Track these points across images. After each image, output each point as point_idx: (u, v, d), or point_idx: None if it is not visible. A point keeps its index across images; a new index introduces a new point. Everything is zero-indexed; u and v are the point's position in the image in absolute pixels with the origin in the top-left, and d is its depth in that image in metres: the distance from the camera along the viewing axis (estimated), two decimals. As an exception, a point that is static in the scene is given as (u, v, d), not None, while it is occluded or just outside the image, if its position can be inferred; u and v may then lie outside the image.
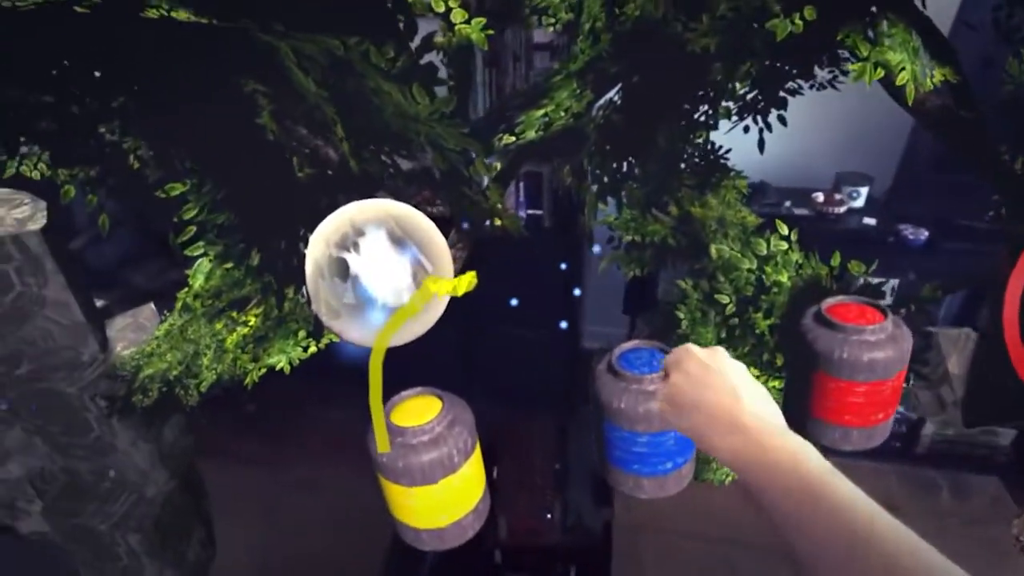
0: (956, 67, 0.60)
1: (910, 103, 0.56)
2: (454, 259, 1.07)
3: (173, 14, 0.49)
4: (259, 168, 0.74)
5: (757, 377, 0.73)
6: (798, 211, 1.80)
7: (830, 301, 0.46)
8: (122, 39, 0.50)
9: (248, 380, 0.86)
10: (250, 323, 0.91)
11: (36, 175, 0.61)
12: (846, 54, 0.59)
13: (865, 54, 0.54)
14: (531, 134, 0.79)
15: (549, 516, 1.43)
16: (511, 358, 1.63)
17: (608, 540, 1.40)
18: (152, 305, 1.17)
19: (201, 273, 0.82)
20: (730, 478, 0.77)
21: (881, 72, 0.54)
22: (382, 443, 0.42)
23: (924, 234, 1.72)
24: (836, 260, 0.66)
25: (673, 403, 0.43)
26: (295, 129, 0.75)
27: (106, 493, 1.07)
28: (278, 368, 0.87)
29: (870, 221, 1.80)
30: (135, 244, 1.37)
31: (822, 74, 0.63)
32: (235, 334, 0.89)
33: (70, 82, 0.51)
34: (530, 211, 1.71)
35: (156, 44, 0.52)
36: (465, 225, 0.84)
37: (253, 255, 0.83)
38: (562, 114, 0.77)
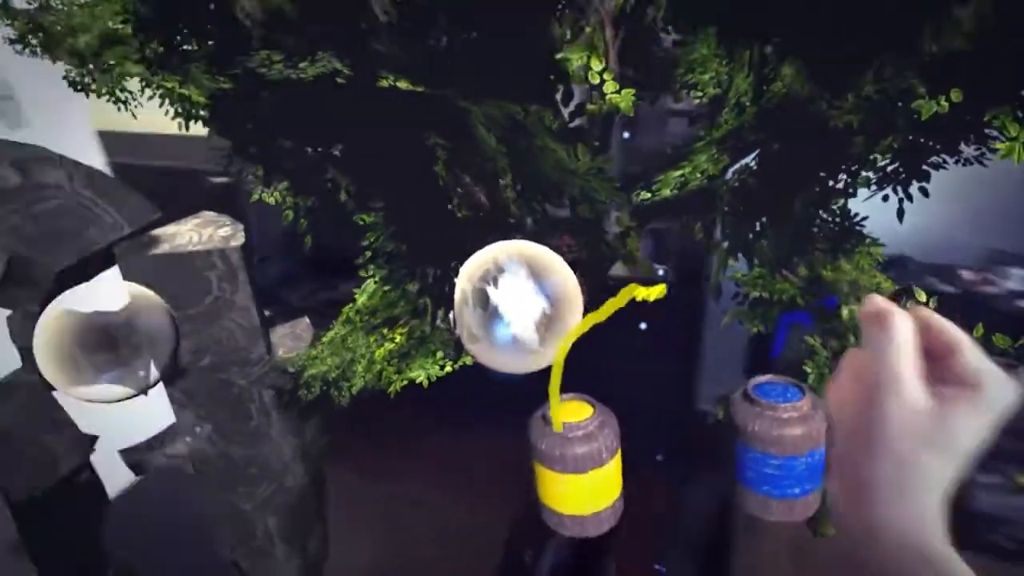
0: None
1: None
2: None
3: (398, 84, 0.62)
4: (428, 208, 0.87)
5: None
6: (942, 287, 1.71)
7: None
8: (357, 101, 0.64)
9: (391, 389, 0.98)
10: (396, 340, 1.03)
11: (272, 201, 0.78)
12: (995, 132, 0.61)
13: (1014, 134, 0.57)
14: (666, 192, 0.87)
15: (659, 569, 1.42)
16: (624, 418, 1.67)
17: None
18: (307, 319, 1.34)
19: (366, 292, 0.96)
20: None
21: (1030, 152, 0.57)
22: (556, 424, 0.49)
23: None
24: (979, 331, 0.66)
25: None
26: (461, 177, 0.87)
27: (251, 478, 1.22)
28: (418, 382, 0.98)
29: None
30: (290, 268, 1.59)
31: (968, 150, 0.66)
32: (383, 348, 1.02)
33: (311, 131, 0.66)
34: (656, 264, 1.79)
35: (377, 104, 0.66)
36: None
37: (410, 282, 0.96)
38: (698, 175, 0.84)
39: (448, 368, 1.00)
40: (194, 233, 1.08)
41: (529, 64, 0.70)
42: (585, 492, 0.50)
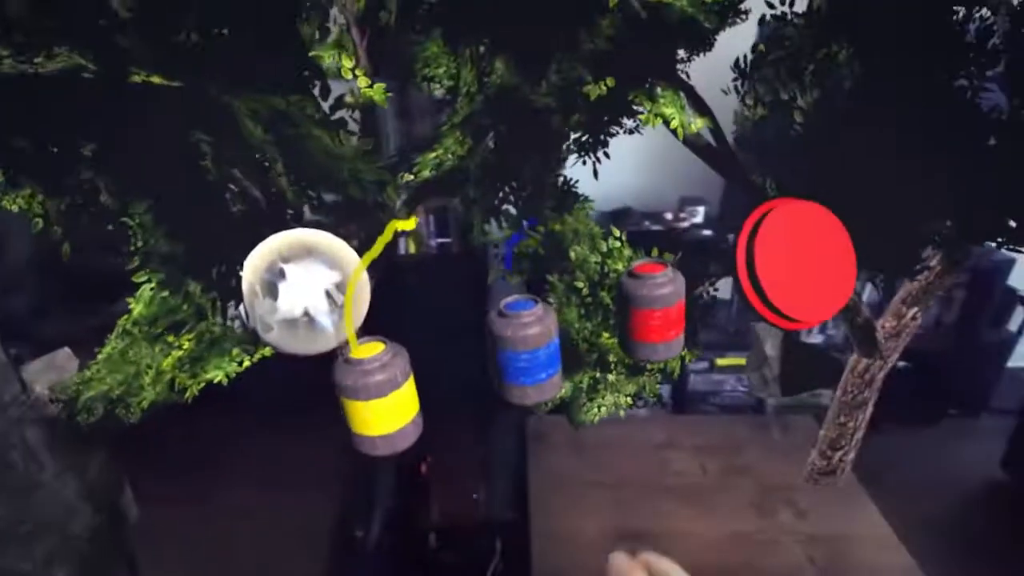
0: (711, 118, 0.90)
1: (681, 140, 0.85)
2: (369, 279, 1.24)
3: (152, 79, 0.65)
4: (201, 204, 0.89)
5: (607, 339, 0.96)
6: (654, 227, 2.35)
7: (636, 262, 0.71)
8: (109, 97, 0.65)
9: (188, 394, 0.96)
10: (184, 347, 1.02)
11: (15, 208, 0.72)
12: (643, 108, 0.86)
13: (648, 108, 0.81)
14: (426, 173, 1.01)
15: (476, 496, 1.59)
16: (430, 369, 1.82)
17: (525, 505, 1.61)
18: (68, 349, 1.22)
19: (143, 300, 0.93)
20: (597, 417, 0.99)
21: (659, 120, 0.82)
22: (355, 351, 0.59)
23: None
24: (655, 252, 0.92)
25: None
26: (230, 172, 0.91)
27: (27, 535, 1.07)
28: (216, 381, 0.98)
29: (707, 232, 2.36)
30: (43, 297, 1.38)
31: (629, 123, 0.91)
32: (171, 356, 0.99)
33: (58, 130, 0.64)
34: (440, 240, 1.99)
35: (133, 100, 0.67)
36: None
37: (191, 283, 0.95)
38: (450, 156, 1.00)
39: (247, 363, 1.01)
40: None
41: (285, 61, 0.78)
42: (388, 413, 0.61)
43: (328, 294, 0.78)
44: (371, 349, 0.63)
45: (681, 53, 0.83)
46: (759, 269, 0.69)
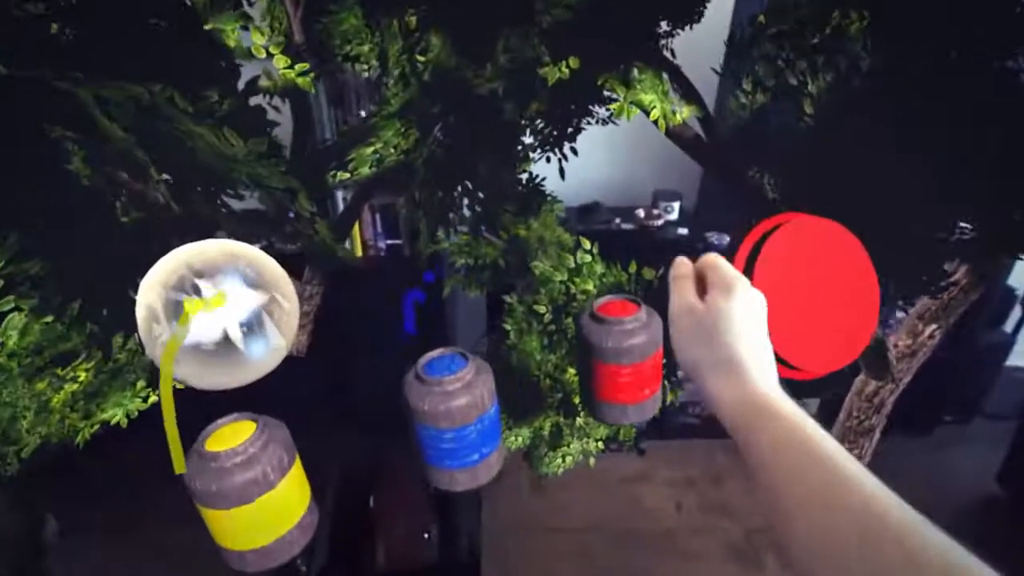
0: (700, 104, 0.74)
1: (663, 133, 0.69)
2: (311, 295, 1.08)
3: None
4: (76, 215, 0.72)
5: (574, 375, 0.82)
6: (625, 226, 2.10)
7: (600, 300, 0.55)
8: None
9: (80, 439, 0.81)
10: (80, 379, 0.86)
11: None
12: (616, 95, 0.70)
13: (622, 95, 0.65)
14: (365, 170, 0.84)
15: (426, 536, 1.45)
16: (377, 388, 1.66)
17: (477, 548, 1.46)
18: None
19: (13, 329, 0.77)
20: (563, 468, 0.85)
21: (636, 110, 0.66)
22: (178, 464, 0.44)
23: (726, 239, 2.03)
24: (633, 267, 0.77)
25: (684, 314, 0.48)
26: (115, 174, 0.74)
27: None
28: (113, 423, 0.83)
29: (683, 231, 2.12)
30: None
31: (601, 112, 0.75)
32: (63, 392, 0.84)
33: None
34: (389, 241, 1.77)
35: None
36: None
37: (75, 306, 0.79)
38: (392, 151, 0.83)
39: (153, 398, 0.86)
40: None
41: (160, 36, 0.61)
42: (257, 522, 0.45)
43: (253, 315, 0.62)
44: (235, 435, 0.47)
45: (663, 26, 0.67)
46: (758, 304, 0.54)
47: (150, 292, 0.64)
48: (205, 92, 0.73)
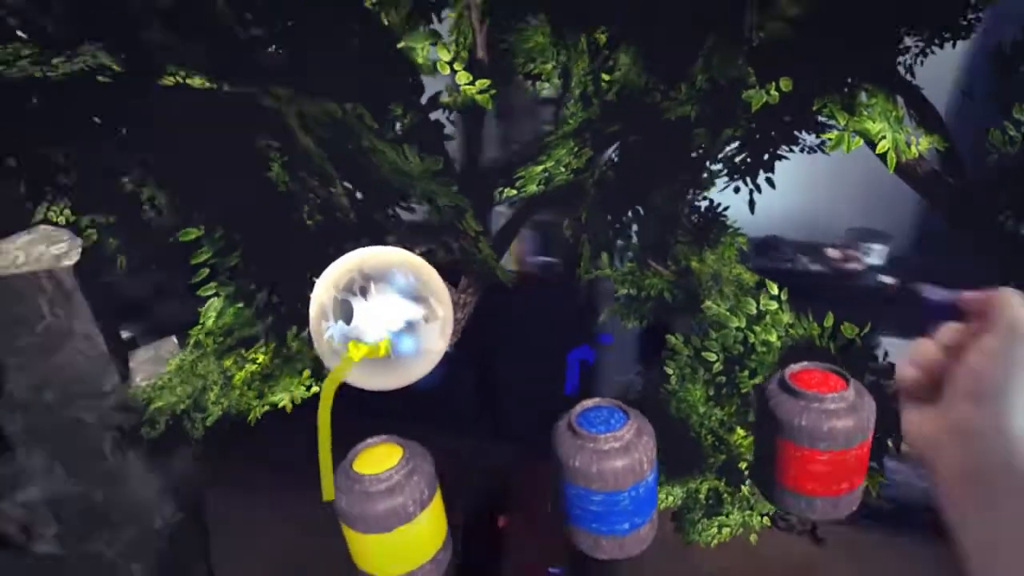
0: (944, 135, 0.60)
1: (891, 170, 0.57)
2: (464, 303, 1.09)
3: (188, 81, 0.53)
4: (270, 215, 0.78)
5: (743, 437, 0.71)
6: (813, 267, 1.78)
7: (794, 367, 0.45)
8: (141, 102, 0.55)
9: (251, 416, 0.89)
10: (258, 360, 0.94)
11: (62, 220, 0.67)
12: (832, 121, 0.60)
13: (843, 123, 0.55)
14: (532, 188, 0.82)
15: (554, 572, 1.39)
16: (525, 403, 1.64)
17: None
18: (175, 338, 1.21)
19: (213, 311, 0.86)
20: (717, 540, 0.74)
21: (859, 141, 0.55)
22: (327, 491, 0.43)
23: (944, 294, 1.67)
24: (829, 320, 0.65)
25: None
26: (308, 180, 0.79)
27: (116, 521, 1.10)
28: (280, 406, 0.90)
29: (887, 279, 1.76)
30: (163, 280, 1.44)
31: (810, 139, 0.64)
32: (243, 371, 0.92)
33: (93, 139, 0.56)
34: (542, 258, 1.75)
35: (173, 105, 0.57)
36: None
37: (262, 296, 0.87)
38: (562, 169, 0.80)
39: (315, 388, 0.92)
40: (21, 252, 0.94)
41: (356, 56, 0.63)
42: (393, 552, 0.44)
43: (412, 323, 0.63)
44: (381, 459, 0.46)
45: (908, 41, 0.55)
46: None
47: (323, 290, 0.66)
48: (390, 107, 0.76)
